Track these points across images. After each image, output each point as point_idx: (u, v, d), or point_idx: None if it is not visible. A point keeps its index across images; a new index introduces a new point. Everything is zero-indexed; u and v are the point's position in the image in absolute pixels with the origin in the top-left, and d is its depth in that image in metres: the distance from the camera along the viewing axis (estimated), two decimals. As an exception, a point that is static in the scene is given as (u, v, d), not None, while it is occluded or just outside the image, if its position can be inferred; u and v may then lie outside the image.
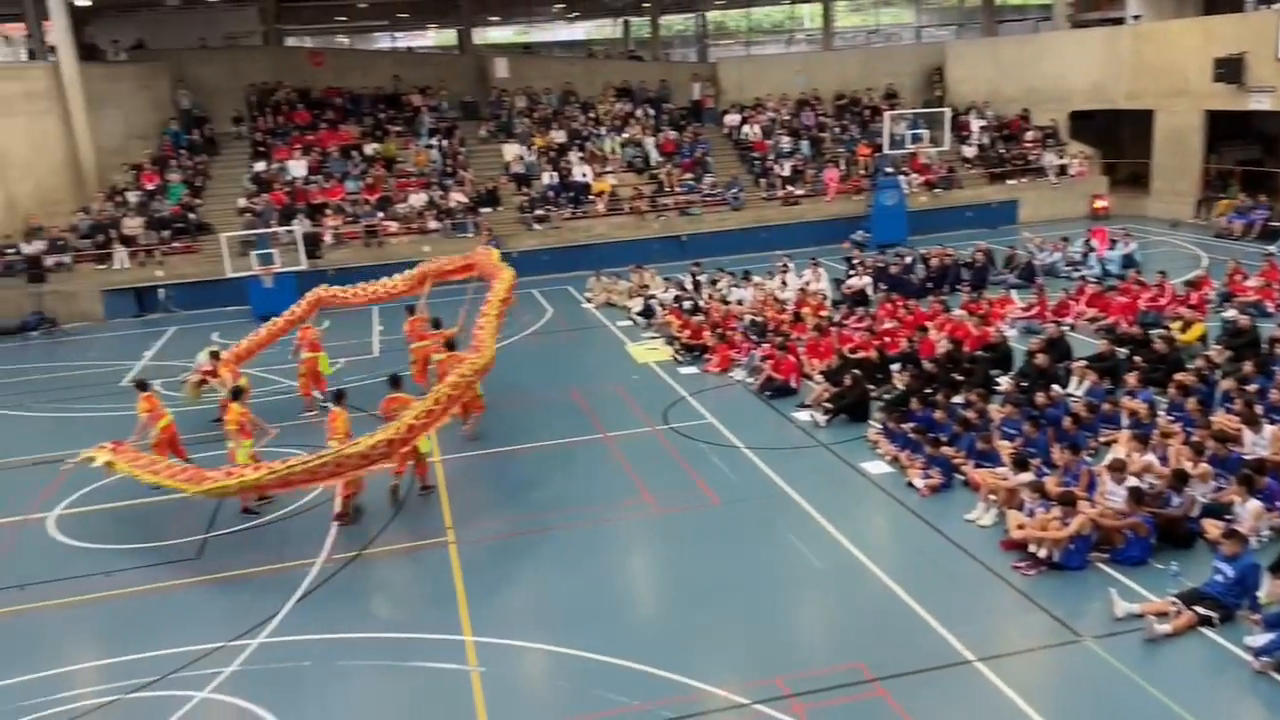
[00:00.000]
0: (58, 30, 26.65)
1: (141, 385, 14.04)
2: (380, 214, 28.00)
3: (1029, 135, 32.12)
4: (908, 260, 23.05)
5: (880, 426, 13.90)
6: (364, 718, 8.61)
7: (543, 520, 12.25)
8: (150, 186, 28.11)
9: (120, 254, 25.71)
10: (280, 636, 9.79)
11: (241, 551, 11.79)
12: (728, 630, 9.61)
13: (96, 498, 13.66)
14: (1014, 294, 19.97)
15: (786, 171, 30.85)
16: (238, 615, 10.22)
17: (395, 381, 13.45)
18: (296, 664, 9.31)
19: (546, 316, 22.96)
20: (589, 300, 24.14)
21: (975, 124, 32.67)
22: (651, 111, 33.72)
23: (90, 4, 30.70)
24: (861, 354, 16.61)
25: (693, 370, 18.00)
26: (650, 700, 8.43)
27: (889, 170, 28.92)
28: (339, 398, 12.97)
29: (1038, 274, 22.05)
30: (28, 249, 25.09)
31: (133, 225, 26.39)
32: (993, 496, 11.31)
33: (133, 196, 27.52)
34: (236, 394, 13.56)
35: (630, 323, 21.79)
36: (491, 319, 15.43)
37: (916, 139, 28.67)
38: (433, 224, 28.04)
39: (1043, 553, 10.17)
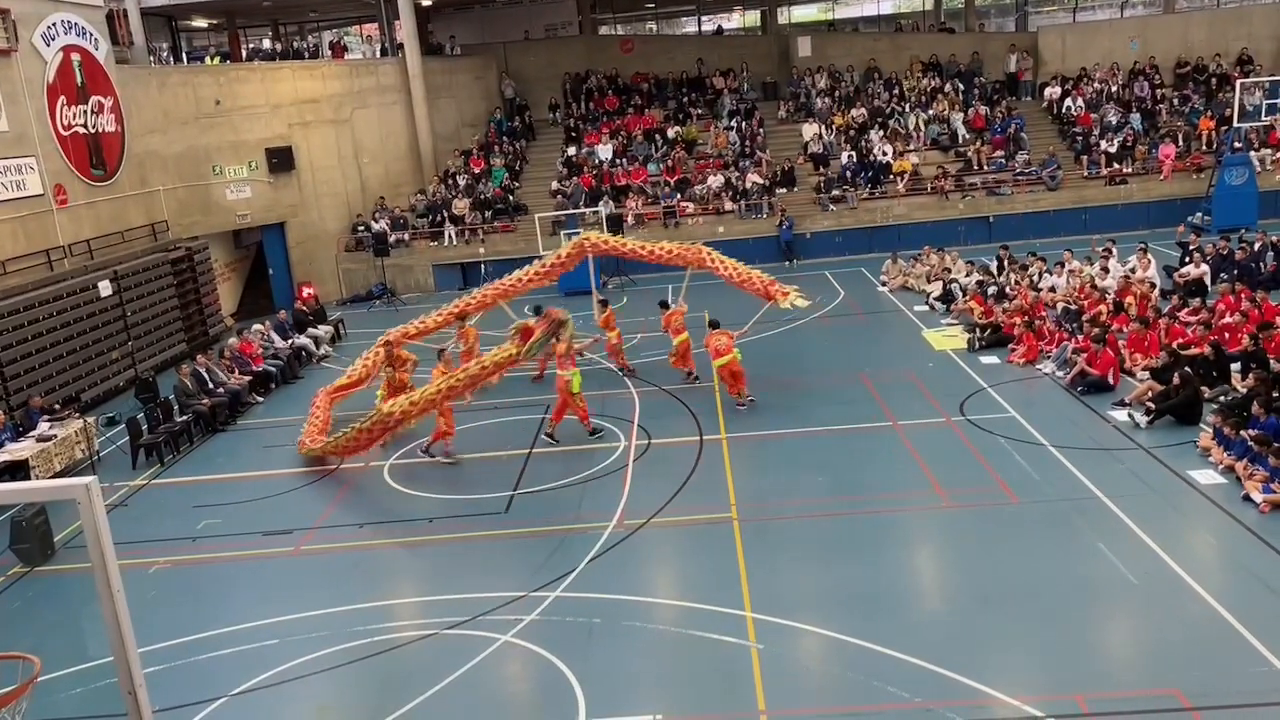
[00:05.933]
0: (406, 29, 29.70)
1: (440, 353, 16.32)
2: (678, 195, 28.83)
3: None
4: (1256, 247, 20.43)
5: (1214, 431, 12.46)
6: (647, 678, 8.96)
7: (827, 505, 12.14)
8: (477, 170, 30.78)
9: (450, 232, 28.45)
10: (574, 592, 10.41)
11: (543, 511, 12.67)
12: (1023, 638, 9.04)
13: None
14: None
15: (1113, 148, 28.27)
16: (538, 568, 11.00)
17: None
18: (588, 619, 9.86)
19: (839, 299, 22.61)
20: (884, 284, 23.49)
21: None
22: (961, 86, 32.09)
23: (431, 3, 33.85)
24: (1194, 350, 14.99)
25: (994, 360, 17.07)
26: (933, 699, 8.11)
27: (1238, 146, 25.78)
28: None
29: None
30: (376, 227, 28.30)
31: (461, 206, 29.07)
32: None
33: (462, 180, 30.29)
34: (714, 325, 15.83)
35: (927, 308, 20.98)
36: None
37: (1274, 110, 25.22)
38: (729, 205, 28.47)
39: None
